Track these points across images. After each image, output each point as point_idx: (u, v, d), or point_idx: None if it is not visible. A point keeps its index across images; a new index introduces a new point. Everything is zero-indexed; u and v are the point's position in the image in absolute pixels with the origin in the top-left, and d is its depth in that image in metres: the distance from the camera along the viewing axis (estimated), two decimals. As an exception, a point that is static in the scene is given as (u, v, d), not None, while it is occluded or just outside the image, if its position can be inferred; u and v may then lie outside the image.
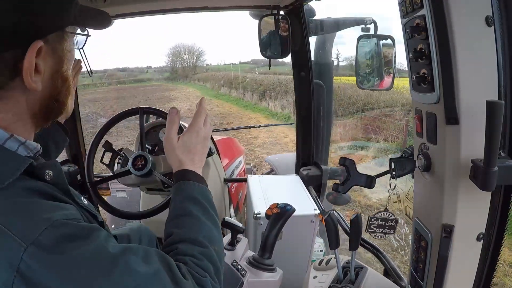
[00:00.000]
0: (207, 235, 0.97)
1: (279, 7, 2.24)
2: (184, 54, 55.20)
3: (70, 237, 0.68)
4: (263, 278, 1.31)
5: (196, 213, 1.00)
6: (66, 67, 0.84)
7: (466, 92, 0.92)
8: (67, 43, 0.83)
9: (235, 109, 21.36)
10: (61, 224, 0.68)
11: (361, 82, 1.76)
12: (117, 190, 2.95)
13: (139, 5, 2.15)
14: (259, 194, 2.17)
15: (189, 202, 1.02)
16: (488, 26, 0.90)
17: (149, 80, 48.76)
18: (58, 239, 0.66)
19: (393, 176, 1.16)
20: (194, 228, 0.98)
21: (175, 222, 1.00)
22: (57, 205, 0.73)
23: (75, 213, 0.75)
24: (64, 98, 0.87)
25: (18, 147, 0.77)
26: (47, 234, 0.65)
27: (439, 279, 1.07)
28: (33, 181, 0.75)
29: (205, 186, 1.10)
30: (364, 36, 1.72)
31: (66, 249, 0.66)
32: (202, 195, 1.06)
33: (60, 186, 0.79)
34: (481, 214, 1.03)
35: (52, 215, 0.68)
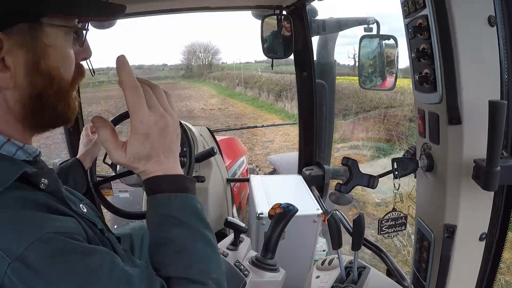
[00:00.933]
0: (201, 266, 0.80)
1: (281, 7, 2.24)
2: (200, 52, 54.96)
3: (60, 254, 0.63)
4: (266, 278, 1.31)
5: (185, 241, 0.80)
6: (49, 64, 0.74)
7: (469, 92, 0.92)
8: (46, 35, 0.73)
9: (250, 109, 20.54)
10: (50, 238, 0.63)
11: (364, 82, 1.75)
12: (119, 190, 2.95)
13: (141, 5, 2.15)
14: (262, 194, 2.17)
15: (169, 224, 0.81)
16: (491, 26, 0.90)
17: (165, 78, 48.28)
18: (44, 255, 0.62)
19: (396, 176, 1.16)
20: (185, 262, 0.79)
21: (158, 254, 0.82)
22: (50, 217, 0.68)
23: (71, 227, 0.70)
24: (52, 100, 0.77)
25: (16, 151, 0.75)
26: (33, 249, 0.61)
27: (442, 279, 1.07)
28: (27, 190, 0.71)
29: (185, 193, 0.83)
30: (367, 36, 1.72)
31: (53, 268, 0.62)
32: (183, 210, 0.82)
33: (55, 194, 0.75)
34: (484, 214, 1.03)
35: (41, 228, 0.64)
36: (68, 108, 0.82)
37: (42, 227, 0.64)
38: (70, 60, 0.80)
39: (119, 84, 0.79)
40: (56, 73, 0.76)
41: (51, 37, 0.74)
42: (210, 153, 2.14)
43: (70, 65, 0.80)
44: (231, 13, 2.44)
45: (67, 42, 0.79)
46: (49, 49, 0.74)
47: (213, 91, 31.33)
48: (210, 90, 32.44)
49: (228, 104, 22.85)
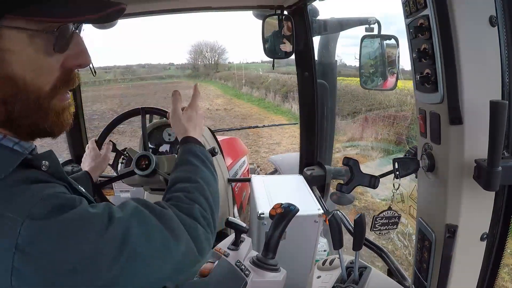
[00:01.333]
0: (202, 176, 1.12)
1: (282, 7, 2.24)
2: (206, 52, 54.80)
3: (59, 206, 0.70)
4: (267, 278, 1.31)
5: (195, 162, 1.16)
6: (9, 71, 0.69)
7: (470, 92, 0.92)
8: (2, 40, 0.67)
9: (256, 110, 20.45)
10: (49, 196, 0.71)
11: (365, 82, 1.76)
12: (120, 190, 2.96)
13: (143, 5, 2.15)
14: (263, 194, 2.17)
15: (191, 155, 1.19)
16: (492, 26, 0.90)
17: (171, 77, 48.09)
18: (48, 209, 0.68)
19: (397, 176, 1.16)
20: (191, 171, 1.12)
21: (176, 171, 1.14)
22: (47, 185, 0.75)
23: (63, 190, 0.78)
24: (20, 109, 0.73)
25: (13, 146, 0.77)
26: (39, 206, 0.67)
27: (443, 279, 1.07)
28: (30, 171, 0.75)
29: (204, 148, 1.27)
30: (368, 36, 1.72)
31: (56, 216, 0.69)
32: (202, 153, 1.22)
33: (57, 174, 0.80)
34: (485, 214, 1.03)
35: (41, 191, 0.71)
36: (47, 122, 0.78)
37: (42, 191, 0.71)
38: (43, 67, 0.74)
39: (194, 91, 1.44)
40: (19, 81, 0.71)
41: (8, 41, 0.68)
42: (211, 153, 2.14)
43: (43, 73, 0.74)
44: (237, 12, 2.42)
45: (34, 46, 0.71)
46: (6, 55, 0.68)
47: (219, 91, 31.17)
48: (216, 90, 32.24)
49: (234, 105, 22.82)
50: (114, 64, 37.02)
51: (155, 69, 56.91)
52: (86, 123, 2.83)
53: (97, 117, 16.17)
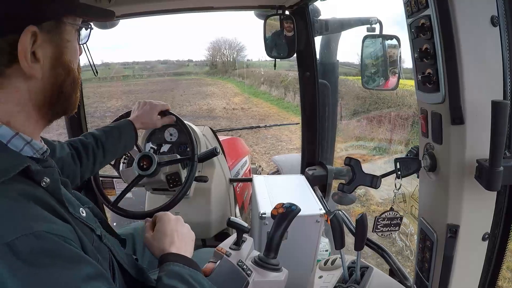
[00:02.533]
0: None
1: (284, 7, 2.25)
2: (225, 49, 54.04)
3: (48, 252, 0.64)
4: (269, 277, 1.31)
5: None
6: (68, 58, 0.86)
7: (471, 92, 0.92)
8: (66, 33, 0.84)
9: (275, 110, 18.96)
10: (42, 235, 0.65)
11: (367, 82, 1.76)
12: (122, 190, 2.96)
13: (145, 5, 2.16)
14: (264, 194, 2.17)
15: (179, 283, 0.94)
16: (493, 26, 0.90)
17: (189, 74, 47.71)
18: (33, 250, 0.62)
19: (398, 176, 1.16)
20: None
21: None
22: (47, 216, 0.70)
23: (65, 231, 0.71)
24: (70, 90, 0.88)
25: (24, 147, 0.78)
26: (24, 241, 0.62)
27: (445, 279, 1.07)
28: (30, 185, 0.74)
29: (196, 269, 1.02)
30: (369, 36, 1.72)
31: (39, 264, 0.62)
32: (191, 276, 0.97)
33: (55, 194, 0.78)
34: (487, 214, 1.03)
35: (36, 224, 0.65)
36: (76, 97, 0.92)
37: (37, 224, 0.66)
38: (77, 54, 0.91)
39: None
40: (71, 66, 0.87)
41: (69, 34, 0.85)
42: (213, 153, 2.15)
43: (77, 58, 0.91)
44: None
45: (76, 37, 0.89)
46: (68, 44, 0.85)
47: (237, 89, 30.32)
48: (234, 88, 31.42)
49: (251, 104, 21.74)
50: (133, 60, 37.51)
51: (174, 65, 56.73)
52: (98, 120, 2.83)
53: (110, 114, 15.93)
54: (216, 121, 15.00)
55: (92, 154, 1.55)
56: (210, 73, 49.57)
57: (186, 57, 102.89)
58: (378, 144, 9.77)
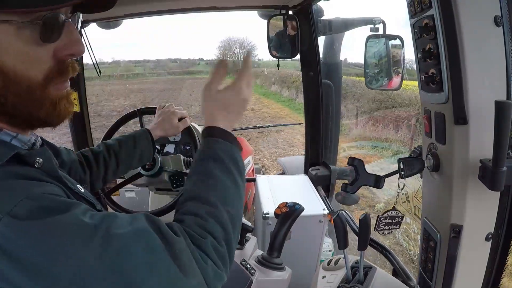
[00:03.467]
0: (222, 195, 0.90)
1: (287, 7, 2.25)
2: (235, 48, 53.64)
3: (46, 209, 0.65)
4: (272, 277, 1.32)
5: (214, 171, 0.92)
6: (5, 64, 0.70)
7: (475, 92, 0.92)
8: None
9: (287, 111, 18.44)
10: (38, 196, 0.66)
11: (370, 82, 1.75)
12: (125, 190, 2.97)
13: (147, 5, 2.16)
14: (268, 194, 2.18)
15: (209, 159, 0.94)
16: (497, 26, 0.90)
17: (199, 73, 47.15)
18: (33, 210, 0.63)
19: (402, 176, 1.16)
20: (207, 186, 0.90)
21: (190, 180, 0.94)
22: (38, 183, 0.71)
23: (56, 190, 0.73)
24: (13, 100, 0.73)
25: (11, 140, 0.76)
26: (23, 205, 0.63)
27: (448, 279, 1.07)
28: (22, 167, 0.73)
29: (235, 145, 1.00)
30: (373, 36, 1.72)
31: (41, 218, 0.63)
32: (226, 153, 0.96)
33: (51, 173, 0.77)
34: (490, 214, 1.03)
35: (29, 189, 0.67)
36: (39, 110, 0.77)
37: (30, 188, 0.67)
38: (31, 58, 0.73)
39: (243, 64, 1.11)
40: (11, 73, 0.71)
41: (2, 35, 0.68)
42: None
43: (33, 63, 0.73)
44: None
45: (22, 38, 0.70)
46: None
47: None
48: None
49: (262, 105, 21.00)
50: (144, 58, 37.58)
51: (185, 64, 56.54)
52: (103, 119, 2.84)
53: (116, 113, 15.44)
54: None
55: (103, 163, 1.48)
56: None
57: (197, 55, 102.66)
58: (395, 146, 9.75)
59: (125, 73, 38.74)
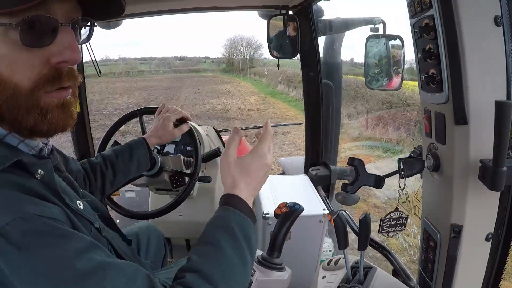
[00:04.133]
0: (226, 274, 0.84)
1: (287, 7, 2.24)
2: (242, 47, 53.62)
3: (39, 233, 0.63)
4: (272, 277, 1.31)
5: (224, 245, 0.87)
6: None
7: (475, 92, 0.92)
8: None
9: (293, 112, 17.43)
10: (32, 218, 0.64)
11: (370, 82, 1.75)
12: (125, 190, 2.97)
13: (148, 5, 2.16)
14: (268, 194, 2.18)
15: (222, 230, 0.90)
16: (497, 26, 0.90)
17: (205, 71, 47.07)
18: (24, 233, 0.61)
19: (402, 176, 1.16)
20: (213, 261, 0.85)
21: (198, 248, 0.89)
22: (37, 201, 0.69)
23: (56, 213, 0.70)
24: (8, 109, 0.71)
25: (18, 144, 0.76)
26: (15, 225, 0.61)
27: (448, 279, 1.07)
28: (24, 177, 0.72)
29: (250, 218, 0.96)
30: (373, 36, 1.72)
31: (31, 247, 0.62)
32: (240, 227, 0.91)
33: (50, 186, 0.76)
34: (490, 214, 1.03)
35: (25, 208, 0.64)
36: (26, 117, 0.73)
37: (26, 208, 0.65)
38: (17, 62, 0.70)
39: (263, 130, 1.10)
40: (10, 82, 0.69)
41: None
42: (217, 153, 2.15)
43: (20, 68, 0.70)
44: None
45: (8, 41, 0.68)
46: None
47: (253, 88, 28.70)
48: (250, 87, 29.98)
49: (268, 104, 20.18)
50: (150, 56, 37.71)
51: (191, 62, 56.39)
52: (105, 118, 2.83)
53: (118, 112, 15.28)
54: (230, 122, 14.27)
55: (100, 175, 1.46)
56: (226, 70, 48.76)
57: (203, 54, 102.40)
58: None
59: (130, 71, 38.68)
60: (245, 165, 1.00)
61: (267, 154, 1.04)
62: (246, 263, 0.89)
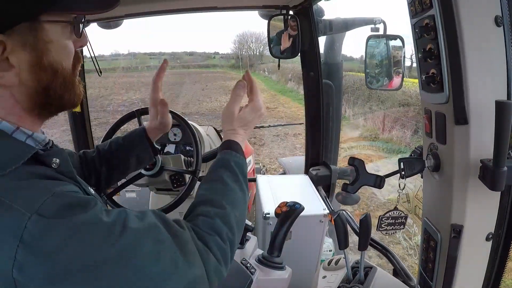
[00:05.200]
0: (232, 200, 1.02)
1: (288, 7, 2.24)
2: (251, 42, 51.59)
3: (70, 206, 0.70)
4: (272, 276, 1.32)
5: (226, 179, 1.05)
6: (52, 59, 0.79)
7: (475, 92, 0.92)
8: (46, 33, 0.77)
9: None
10: (61, 194, 0.71)
11: (370, 82, 1.75)
12: (126, 190, 2.97)
13: (149, 5, 2.16)
14: (268, 194, 2.18)
15: (223, 168, 1.08)
16: (497, 26, 0.90)
17: (214, 66, 46.35)
18: (59, 208, 0.68)
19: (402, 176, 1.16)
20: (219, 191, 1.03)
21: (204, 186, 1.06)
22: (58, 182, 0.76)
23: (75, 188, 0.78)
24: (60, 91, 0.83)
25: (26, 139, 0.79)
26: (49, 203, 0.67)
27: (448, 279, 1.07)
28: (40, 167, 0.76)
29: (243, 157, 1.15)
30: (373, 36, 1.72)
31: (66, 216, 0.68)
32: (238, 164, 1.10)
33: (67, 174, 0.81)
34: (490, 214, 1.03)
35: (52, 188, 0.71)
36: (74, 95, 0.88)
37: (54, 188, 0.71)
38: (69, 51, 0.84)
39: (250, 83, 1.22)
40: (58, 66, 0.81)
41: (50, 34, 0.78)
42: (217, 153, 2.15)
43: (69, 55, 0.85)
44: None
45: (65, 35, 0.82)
46: (49, 45, 0.79)
47: (263, 85, 26.95)
48: (260, 84, 26.30)
49: (278, 103, 19.06)
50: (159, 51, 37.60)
51: (200, 57, 55.46)
52: (110, 114, 2.82)
53: (122, 108, 14.87)
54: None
55: (93, 170, 1.41)
56: (235, 66, 47.18)
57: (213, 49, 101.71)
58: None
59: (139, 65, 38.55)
60: (245, 118, 1.18)
61: (262, 105, 1.22)
62: (244, 192, 1.09)
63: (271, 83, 28.14)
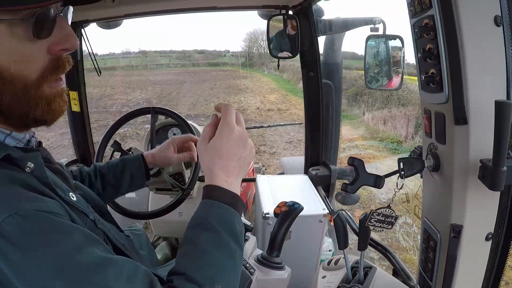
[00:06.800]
0: (212, 272, 0.82)
1: (287, 7, 2.25)
2: (261, 40, 50.35)
3: (38, 230, 0.63)
4: (272, 276, 1.32)
5: (206, 245, 0.84)
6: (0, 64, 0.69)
7: (475, 92, 0.92)
8: None
9: None
10: (29, 214, 0.63)
11: (370, 82, 1.76)
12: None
13: (148, 5, 2.16)
14: (268, 194, 2.18)
15: (203, 230, 0.87)
16: (497, 26, 0.90)
17: (224, 65, 45.76)
18: (23, 230, 0.61)
19: (402, 176, 1.16)
20: (198, 262, 0.83)
21: (181, 250, 0.87)
22: (33, 195, 0.69)
23: (54, 207, 0.70)
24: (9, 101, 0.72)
25: (5, 138, 0.76)
26: (11, 222, 0.61)
27: (448, 279, 1.07)
28: (15, 171, 0.72)
29: (234, 206, 0.91)
30: (373, 36, 1.72)
31: (29, 244, 0.61)
32: (222, 221, 0.88)
33: (41, 179, 0.75)
34: (490, 214, 1.03)
35: (21, 203, 0.64)
36: (34, 109, 0.76)
37: (22, 203, 0.64)
38: (26, 56, 0.72)
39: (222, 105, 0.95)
40: (6, 73, 0.70)
41: None
42: None
43: (28, 61, 0.72)
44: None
45: (15, 36, 0.69)
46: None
47: (273, 84, 26.49)
48: (270, 83, 27.57)
49: (290, 104, 17.94)
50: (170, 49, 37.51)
51: (211, 55, 55.26)
52: (111, 116, 2.81)
53: (126, 109, 14.02)
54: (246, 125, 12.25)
55: (88, 184, 1.39)
56: (246, 64, 46.24)
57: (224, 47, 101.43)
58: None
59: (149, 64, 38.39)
60: (214, 149, 0.92)
61: (235, 127, 0.93)
62: (232, 255, 0.87)
63: (282, 82, 27.16)
